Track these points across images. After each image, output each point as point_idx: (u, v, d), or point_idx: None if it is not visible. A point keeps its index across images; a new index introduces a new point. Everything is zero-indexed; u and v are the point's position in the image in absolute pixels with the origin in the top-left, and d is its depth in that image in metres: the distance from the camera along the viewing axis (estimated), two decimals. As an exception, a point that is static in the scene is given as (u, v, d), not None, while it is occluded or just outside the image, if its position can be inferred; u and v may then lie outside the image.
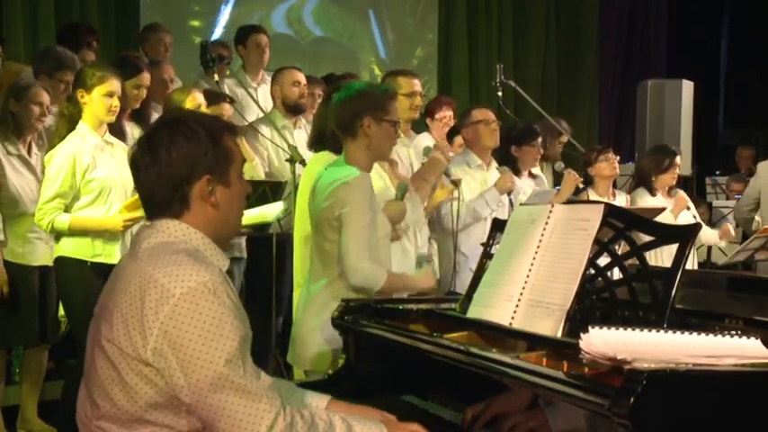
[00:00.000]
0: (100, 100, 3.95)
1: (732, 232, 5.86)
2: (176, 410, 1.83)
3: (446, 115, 6.00)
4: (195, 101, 4.61)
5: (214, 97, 4.88)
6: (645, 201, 5.49)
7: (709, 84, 11.09)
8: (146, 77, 4.61)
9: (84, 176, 3.92)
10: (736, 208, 6.64)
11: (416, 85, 4.58)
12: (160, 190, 1.92)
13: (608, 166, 5.48)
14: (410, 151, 4.61)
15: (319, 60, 8.81)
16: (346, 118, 3.16)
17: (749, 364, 1.61)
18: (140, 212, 3.92)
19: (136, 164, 1.95)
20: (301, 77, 5.25)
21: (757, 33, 12.26)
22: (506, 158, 5.18)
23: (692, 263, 5.51)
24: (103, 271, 3.85)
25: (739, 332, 1.85)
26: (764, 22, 12.14)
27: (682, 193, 5.68)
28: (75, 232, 3.93)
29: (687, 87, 7.45)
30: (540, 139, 5.21)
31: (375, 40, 9.55)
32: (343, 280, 3.09)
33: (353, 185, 3.06)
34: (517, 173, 5.11)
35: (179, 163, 1.90)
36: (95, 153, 3.97)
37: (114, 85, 3.99)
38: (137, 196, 3.90)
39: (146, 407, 1.82)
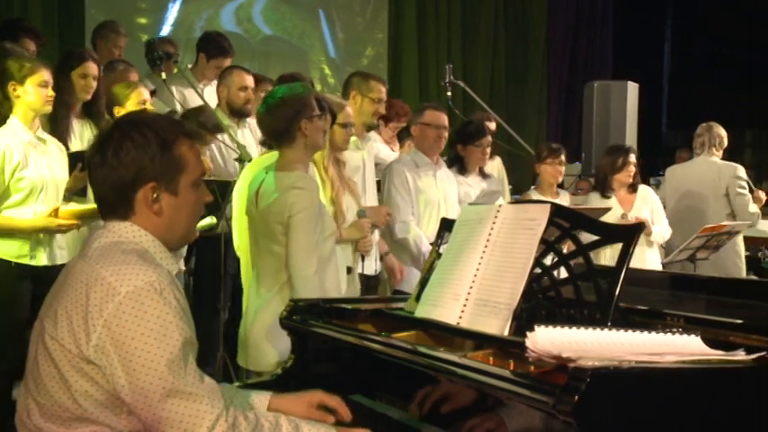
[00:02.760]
0: (35, 91, 3.80)
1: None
2: (117, 410, 1.81)
3: (400, 126, 6.03)
4: (140, 96, 4.49)
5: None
6: (600, 202, 5.50)
7: (652, 86, 11.30)
8: (91, 66, 4.42)
9: (13, 174, 3.75)
10: None
11: (384, 92, 4.60)
12: (107, 192, 1.91)
13: (553, 170, 5.52)
14: (363, 153, 4.61)
15: (269, 59, 8.77)
16: (281, 126, 3.20)
17: (689, 361, 1.64)
18: (84, 220, 3.86)
19: (89, 163, 1.95)
20: (249, 81, 5.16)
21: (699, 37, 12.52)
22: (454, 157, 5.22)
23: (658, 261, 5.62)
24: (29, 273, 3.78)
25: (680, 330, 1.90)
26: (706, 26, 12.40)
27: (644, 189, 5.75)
28: (2, 232, 3.77)
29: (632, 89, 7.57)
30: (487, 139, 5.22)
31: (325, 40, 9.53)
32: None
33: (304, 189, 3.10)
34: (464, 172, 5.14)
35: (125, 167, 1.88)
36: (27, 150, 3.81)
37: (46, 74, 3.85)
38: (85, 207, 3.86)
39: (86, 405, 1.80)
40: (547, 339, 1.68)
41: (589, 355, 1.60)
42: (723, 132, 6.30)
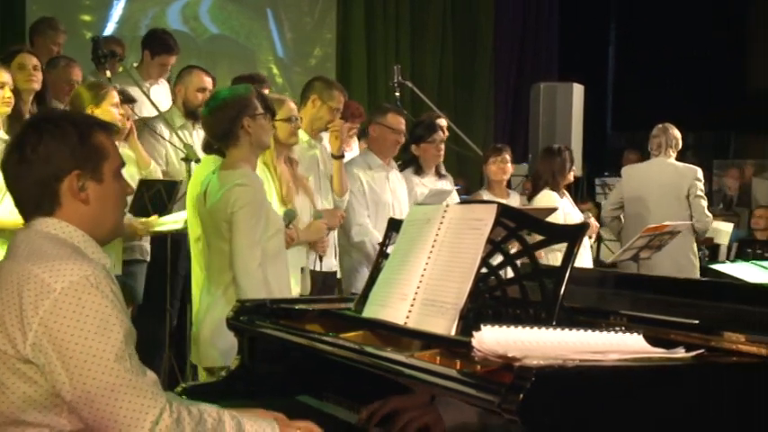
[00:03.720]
0: None
1: (595, 224, 6.04)
2: (57, 410, 1.79)
3: (354, 127, 6.01)
4: (113, 99, 4.31)
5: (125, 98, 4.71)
6: (552, 202, 5.54)
7: (597, 88, 11.47)
8: (27, 57, 4.30)
9: None
10: (603, 208, 6.93)
11: (342, 103, 4.59)
12: (29, 188, 1.90)
13: (497, 169, 5.57)
14: (317, 152, 4.60)
15: (216, 58, 8.69)
16: (224, 126, 3.24)
17: (631, 359, 1.66)
18: None
19: (4, 164, 1.93)
20: (208, 83, 5.08)
21: (642, 40, 12.75)
22: (410, 159, 5.22)
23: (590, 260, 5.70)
24: None
25: (623, 328, 1.93)
26: (649, 29, 12.63)
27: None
28: None
29: (577, 91, 7.66)
30: (439, 134, 5.22)
31: (273, 39, 9.48)
32: None
33: (247, 186, 3.13)
34: (421, 172, 5.15)
35: (46, 160, 1.88)
36: None
37: (3, 75, 3.80)
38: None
39: (23, 407, 1.77)
40: (493, 339, 1.70)
41: (534, 355, 1.61)
42: (678, 134, 6.34)
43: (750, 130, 13.79)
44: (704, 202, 6.25)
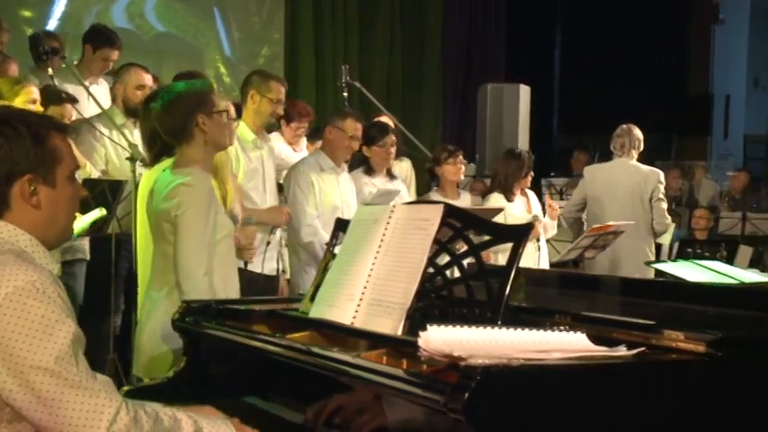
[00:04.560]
0: None
1: (556, 205, 6.08)
2: (9, 417, 1.74)
3: (303, 127, 6.00)
4: (29, 95, 4.27)
5: (56, 97, 4.63)
6: (501, 204, 5.58)
7: (544, 90, 11.61)
8: None
9: None
10: (565, 209, 6.99)
11: (283, 93, 4.56)
12: None
13: (455, 170, 5.60)
14: (263, 153, 4.57)
15: (162, 57, 8.60)
16: (178, 123, 3.10)
17: (575, 358, 1.69)
18: None
19: None
20: (147, 80, 5.01)
21: (588, 43, 12.94)
22: (361, 159, 5.23)
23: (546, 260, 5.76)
24: None
25: (567, 327, 1.95)
26: (594, 32, 12.82)
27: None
28: None
29: (524, 92, 7.75)
30: (390, 138, 5.24)
31: (220, 38, 9.41)
32: None
33: (193, 186, 3.00)
34: (371, 173, 5.15)
35: None
36: None
37: None
38: None
39: None
40: (439, 338, 1.70)
41: (480, 354, 1.62)
42: (641, 135, 6.35)
43: (690, 133, 14.10)
44: (665, 205, 6.33)
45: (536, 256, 5.62)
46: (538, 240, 5.64)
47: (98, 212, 4.24)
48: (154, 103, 3.21)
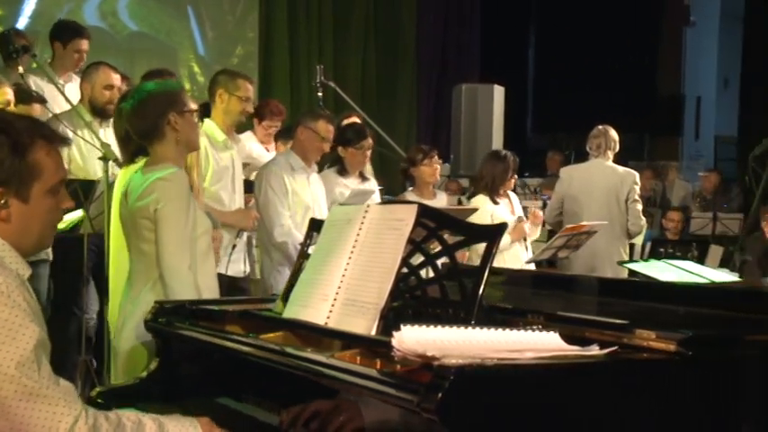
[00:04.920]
0: None
1: (540, 213, 6.09)
2: None
3: (275, 125, 5.98)
4: (4, 96, 4.21)
5: (25, 96, 4.57)
6: (486, 208, 5.57)
7: (518, 90, 11.66)
8: None
9: None
10: (546, 216, 7.02)
11: (251, 90, 4.54)
12: None
13: (431, 170, 5.61)
14: (233, 153, 4.55)
15: (135, 56, 8.54)
16: (150, 122, 3.08)
17: (547, 357, 1.70)
18: None
19: None
20: (115, 80, 4.93)
21: (561, 44, 13.02)
22: (335, 159, 5.22)
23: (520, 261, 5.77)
24: None
25: (540, 327, 1.96)
26: (568, 32, 12.90)
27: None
28: None
29: (498, 92, 7.76)
30: (368, 141, 5.24)
31: (194, 38, 9.37)
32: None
33: (171, 181, 2.98)
34: (345, 173, 5.15)
35: None
36: None
37: None
38: None
39: None
40: (412, 338, 1.71)
41: (453, 354, 1.63)
42: (617, 136, 6.38)
43: (662, 133, 14.22)
44: (640, 207, 6.36)
45: (524, 256, 5.66)
46: (525, 240, 5.67)
47: (79, 214, 4.20)
48: (124, 104, 3.19)
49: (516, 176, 5.84)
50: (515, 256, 5.53)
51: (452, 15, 11.66)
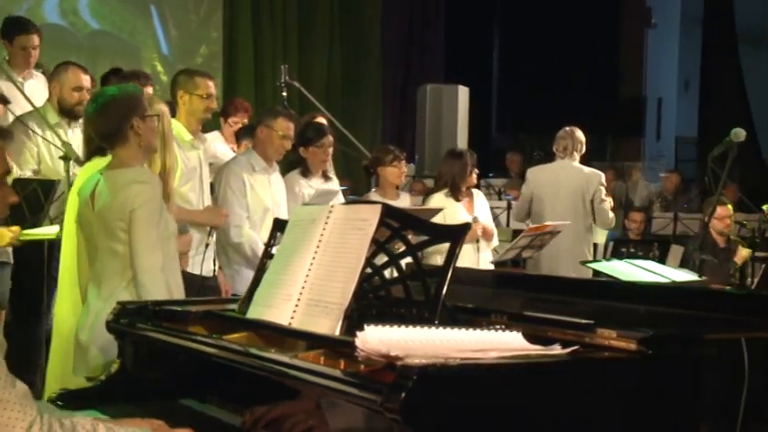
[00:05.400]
0: None
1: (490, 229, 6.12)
2: None
3: (241, 122, 5.94)
4: None
5: None
6: (444, 204, 5.59)
7: (482, 90, 11.72)
8: None
9: None
10: (515, 215, 7.08)
11: (212, 87, 4.51)
12: None
13: (398, 172, 5.62)
14: (200, 153, 4.53)
15: (97, 55, 8.44)
16: (113, 125, 3.11)
17: (510, 357, 1.71)
18: None
19: None
20: (86, 82, 4.88)
21: (525, 44, 13.11)
22: (297, 159, 5.20)
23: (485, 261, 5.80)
24: None
25: (503, 327, 1.98)
26: (531, 33, 12.99)
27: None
28: None
29: (463, 93, 7.80)
30: (328, 139, 5.23)
31: (157, 36, 9.29)
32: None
33: (147, 183, 3.04)
34: (308, 174, 5.13)
35: None
36: None
37: None
38: None
39: None
40: (376, 338, 1.71)
41: (417, 354, 1.63)
42: (583, 137, 6.44)
43: (624, 134, 14.38)
44: (607, 205, 6.42)
45: (474, 258, 5.67)
46: (477, 241, 5.68)
47: (54, 232, 4.14)
48: (88, 107, 3.23)
49: (477, 174, 5.83)
50: (467, 257, 5.50)
51: (417, 16, 11.69)
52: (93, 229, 3.14)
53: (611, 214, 6.45)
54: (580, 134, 6.45)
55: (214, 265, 4.54)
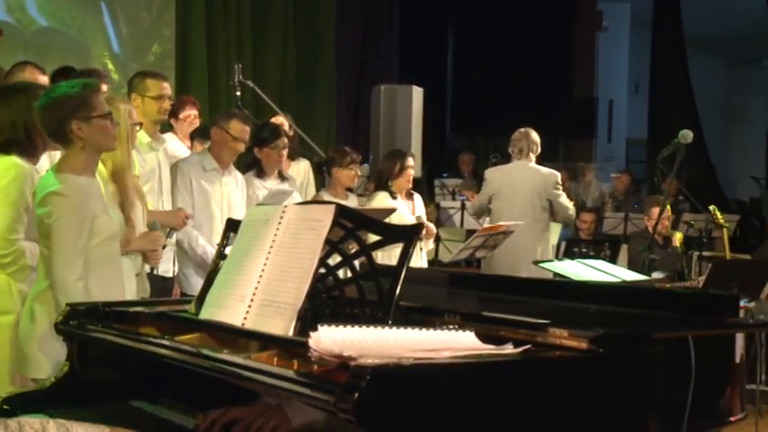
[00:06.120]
0: None
1: (432, 227, 6.13)
2: None
3: (190, 114, 5.89)
4: None
5: None
6: (385, 204, 5.63)
7: (437, 91, 11.76)
8: None
9: None
10: (473, 211, 7.17)
11: (165, 87, 4.49)
12: None
13: (352, 176, 5.62)
14: (159, 155, 4.48)
15: (46, 52, 8.28)
16: (53, 127, 3.06)
17: (463, 356, 1.72)
18: None
19: None
20: (43, 81, 4.75)
21: (479, 45, 13.19)
22: (252, 161, 5.18)
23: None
24: None
25: (456, 326, 1.99)
26: (485, 34, 13.07)
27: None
28: None
29: (417, 93, 7.81)
30: (283, 140, 5.21)
31: (108, 34, 9.15)
32: None
33: (64, 196, 2.97)
34: (263, 175, 5.11)
35: None
36: None
37: None
38: None
39: None
40: (329, 338, 1.70)
41: (370, 354, 1.63)
42: (538, 139, 6.53)
43: (577, 136, 14.56)
44: (565, 200, 6.54)
45: (418, 257, 5.72)
46: (420, 240, 5.73)
47: None
48: (36, 103, 3.14)
49: (411, 172, 5.85)
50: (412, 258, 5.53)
51: (371, 16, 11.69)
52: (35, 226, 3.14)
53: (570, 209, 6.58)
54: (535, 135, 6.53)
55: (174, 265, 4.52)
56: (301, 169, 6.13)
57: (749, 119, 17.57)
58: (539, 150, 6.56)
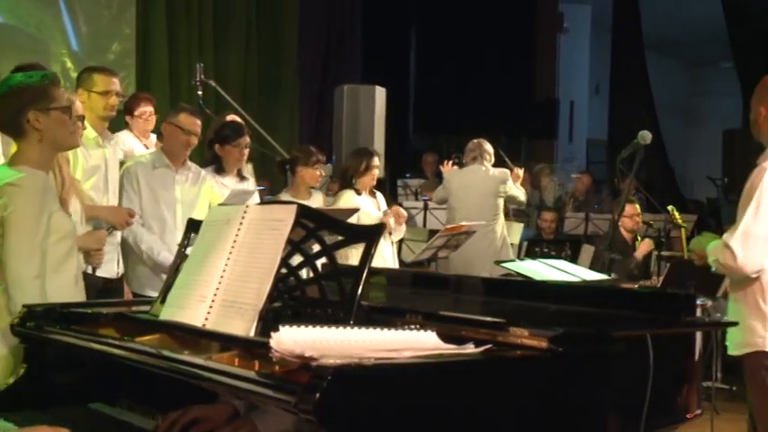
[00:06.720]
0: None
1: (402, 211, 6.20)
2: None
3: (146, 111, 5.83)
4: None
5: None
6: (352, 202, 5.65)
7: (399, 91, 11.78)
8: None
9: None
10: (437, 203, 7.44)
11: (113, 83, 4.40)
12: None
13: (316, 176, 5.61)
14: (106, 151, 4.42)
15: (2, 50, 8.16)
16: (7, 117, 2.96)
17: (424, 356, 1.72)
18: None
19: None
20: None
21: (441, 47, 13.24)
22: (212, 157, 5.14)
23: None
24: None
25: (418, 326, 1.99)
26: (448, 36, 13.13)
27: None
28: None
29: (380, 93, 7.82)
30: (245, 139, 5.18)
31: (67, 32, 9.03)
32: None
33: (21, 187, 2.86)
34: (222, 172, 5.08)
35: None
36: None
37: None
38: None
39: None
40: (291, 339, 1.70)
41: (332, 354, 1.63)
42: (491, 149, 7.09)
43: (538, 136, 14.67)
44: (514, 191, 7.09)
45: (387, 254, 5.74)
46: (390, 235, 5.78)
47: None
48: None
49: (376, 172, 5.88)
50: (378, 252, 5.55)
51: (335, 16, 11.68)
52: None
53: (521, 195, 7.17)
54: (488, 146, 7.08)
55: (118, 266, 4.45)
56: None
57: (707, 120, 17.86)
58: (492, 159, 7.11)
